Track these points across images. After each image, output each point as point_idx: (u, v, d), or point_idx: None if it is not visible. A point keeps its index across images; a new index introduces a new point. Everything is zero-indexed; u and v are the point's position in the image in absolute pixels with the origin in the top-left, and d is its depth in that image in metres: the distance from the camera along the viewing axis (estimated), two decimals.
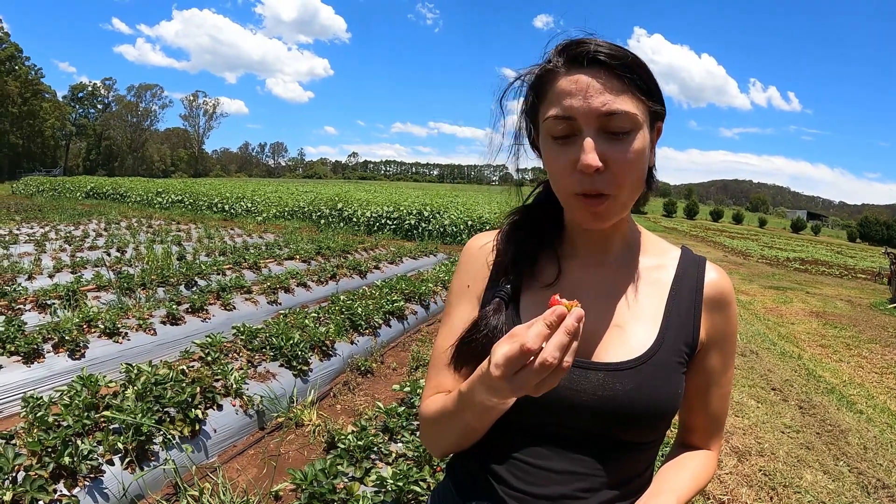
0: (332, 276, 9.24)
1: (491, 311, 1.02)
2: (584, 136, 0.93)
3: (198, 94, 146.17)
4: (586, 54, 0.94)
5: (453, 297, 1.17)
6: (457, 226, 20.77)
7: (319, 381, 4.98)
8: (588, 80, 0.94)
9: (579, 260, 1.11)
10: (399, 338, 6.89)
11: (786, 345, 9.19)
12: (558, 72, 0.97)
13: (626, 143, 0.94)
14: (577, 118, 0.93)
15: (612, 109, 0.92)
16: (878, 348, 9.76)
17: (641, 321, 1.06)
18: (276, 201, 24.79)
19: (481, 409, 0.93)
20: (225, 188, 30.38)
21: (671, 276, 1.11)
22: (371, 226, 20.87)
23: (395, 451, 3.28)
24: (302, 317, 5.90)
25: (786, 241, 52.15)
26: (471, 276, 1.15)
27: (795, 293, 16.08)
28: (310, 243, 13.24)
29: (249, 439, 4.00)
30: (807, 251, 39.95)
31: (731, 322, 1.12)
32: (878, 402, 6.65)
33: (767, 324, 10.95)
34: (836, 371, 7.94)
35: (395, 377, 5.52)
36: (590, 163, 0.91)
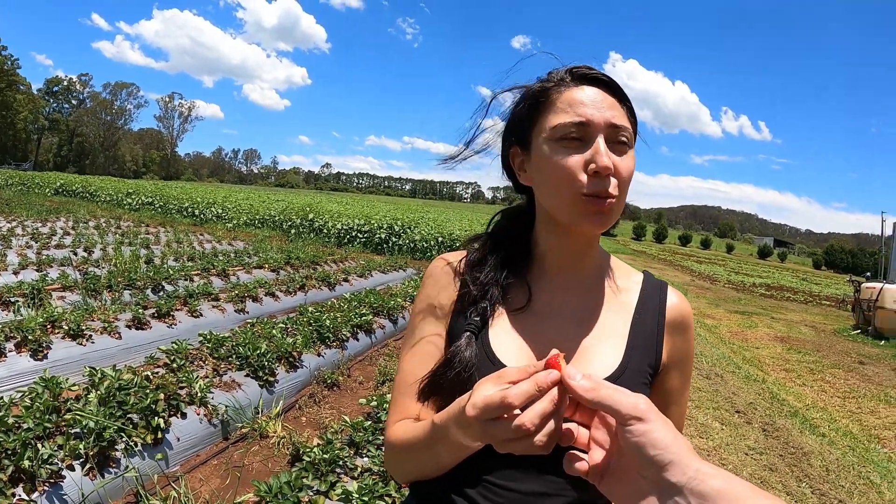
0: (301, 286, 9.15)
1: (463, 345, 1.03)
2: (597, 140, 0.98)
3: (174, 96, 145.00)
4: (593, 75, 1.04)
5: (417, 318, 1.17)
6: (427, 241, 20.76)
7: (285, 393, 4.92)
8: (598, 95, 1.02)
9: (548, 283, 1.13)
10: (366, 351, 6.84)
11: (750, 368, 9.34)
12: (566, 84, 1.05)
13: (626, 154, 1.01)
14: (590, 125, 0.99)
15: (619, 123, 1.00)
16: (840, 373, 9.98)
17: (608, 343, 1.08)
18: (248, 209, 24.57)
19: (455, 446, 0.91)
20: (196, 193, 30.00)
21: (635, 299, 1.14)
22: (341, 238, 20.75)
23: (360, 465, 3.25)
24: (270, 327, 5.82)
25: (752, 267, 53.03)
26: (435, 296, 1.16)
27: (761, 318, 16.37)
28: (279, 253, 13.11)
29: (213, 449, 3.92)
30: (773, 277, 40.66)
31: (690, 344, 1.16)
32: (840, 426, 6.79)
33: (732, 347, 11.13)
34: (799, 395, 8.11)
35: (362, 391, 5.48)
36: (607, 164, 0.96)
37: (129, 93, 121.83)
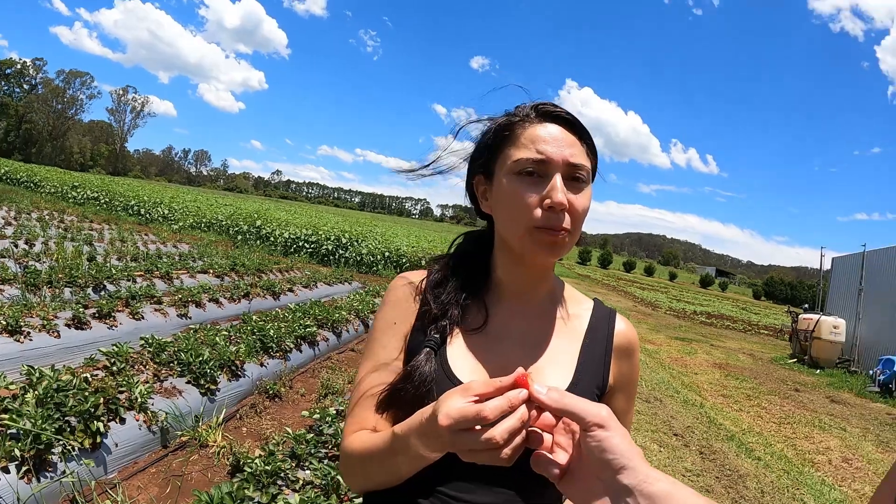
0: (246, 294, 9.03)
1: (422, 360, 1.06)
2: (554, 177, 1.04)
3: (128, 89, 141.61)
4: (556, 113, 1.09)
5: (378, 333, 1.19)
6: (374, 255, 20.72)
7: (227, 402, 4.86)
8: (559, 133, 1.08)
9: (504, 306, 1.18)
10: (309, 364, 6.80)
11: (689, 393, 9.58)
12: (530, 121, 1.09)
13: (582, 191, 1.07)
14: (549, 162, 1.04)
15: (577, 161, 1.05)
16: (776, 400, 10.31)
17: (558, 365, 1.13)
18: (195, 211, 24.08)
19: (415, 456, 0.94)
20: (143, 191, 29.13)
21: (585, 325, 1.20)
22: (288, 247, 20.52)
23: (302, 478, 3.24)
24: (213, 334, 5.74)
25: (694, 296, 54.29)
26: (397, 313, 1.18)
27: (700, 345, 16.79)
28: (225, 258, 12.88)
29: (152, 456, 3.84)
30: (713, 306, 41.67)
31: (636, 368, 1.24)
32: (775, 450, 7.01)
33: (672, 373, 11.38)
34: (736, 420, 8.34)
35: (304, 403, 5.45)
36: (562, 200, 1.01)
37: (82, 82, 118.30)
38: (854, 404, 10.84)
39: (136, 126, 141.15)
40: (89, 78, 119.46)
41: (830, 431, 8.41)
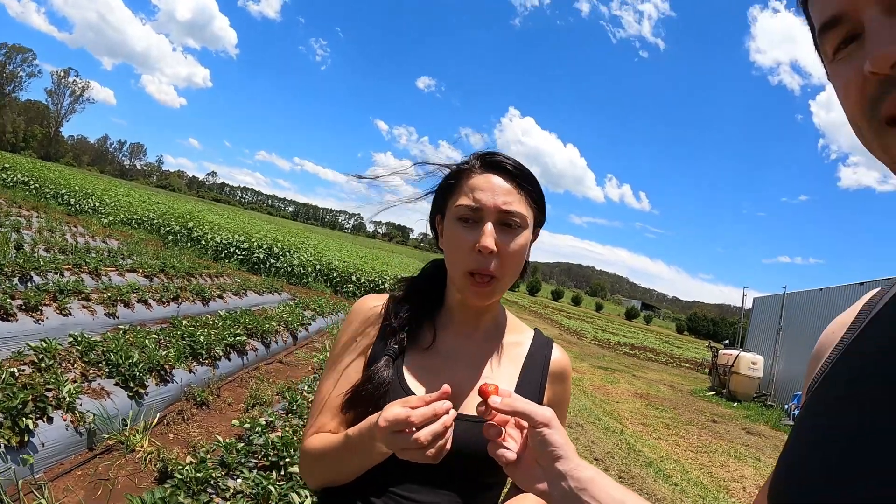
0: (175, 297, 8.86)
1: (381, 367, 1.21)
2: (485, 223, 1.16)
3: (69, 72, 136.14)
4: (498, 163, 1.21)
5: (340, 349, 1.32)
6: (305, 267, 20.57)
7: (155, 407, 4.80)
8: (497, 182, 1.19)
9: (454, 330, 1.32)
10: (237, 372, 6.75)
11: (610, 420, 9.85)
12: (473, 170, 1.22)
13: (515, 236, 1.18)
14: (483, 209, 1.16)
15: (510, 209, 1.17)
16: (694, 429, 10.67)
17: (500, 385, 1.25)
18: (126, 206, 23.31)
19: (364, 453, 1.11)
20: (75, 180, 27.85)
21: (526, 351, 1.35)
22: (219, 252, 20.10)
23: (233, 486, 3.25)
24: (142, 336, 5.66)
25: (619, 327, 55.46)
26: (360, 332, 1.32)
27: (623, 375, 17.22)
28: (155, 259, 12.54)
29: (78, 458, 3.77)
30: (637, 338, 42.57)
31: (567, 392, 1.39)
32: (691, 476, 7.28)
33: (594, 400, 11.67)
34: (654, 447, 8.62)
35: (231, 412, 5.42)
36: (488, 244, 1.13)
37: (24, 59, 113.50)
38: (769, 436, 11.38)
39: (73, 111, 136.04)
40: (31, 55, 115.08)
41: (745, 461, 8.81)
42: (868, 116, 0.57)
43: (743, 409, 14.63)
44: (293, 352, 8.85)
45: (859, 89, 0.57)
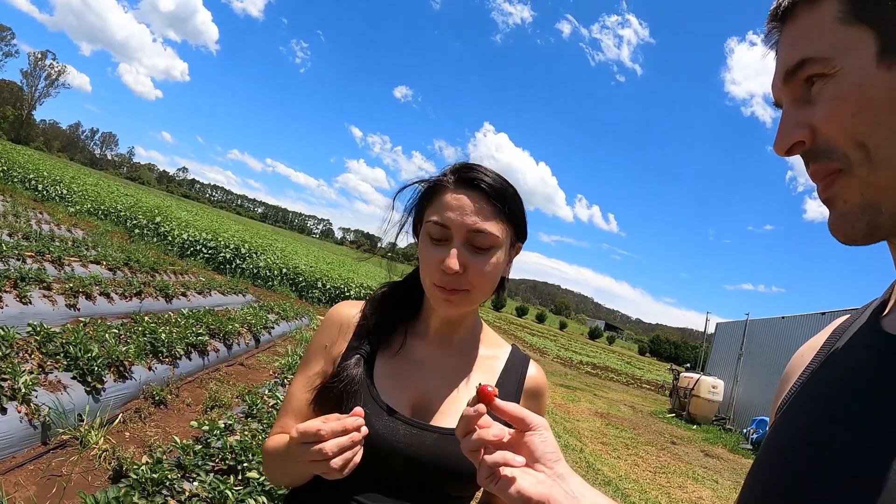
0: (138, 292, 8.68)
1: (351, 364, 1.21)
2: (452, 244, 1.14)
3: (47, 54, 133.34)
4: (472, 180, 1.17)
5: (312, 353, 1.31)
6: (271, 270, 20.36)
7: (112, 403, 4.68)
8: (467, 201, 1.15)
9: (429, 339, 1.30)
10: (198, 373, 6.63)
11: (570, 438, 9.87)
12: (448, 187, 1.18)
13: (485, 256, 1.15)
14: (451, 228, 1.14)
15: (478, 228, 1.14)
16: (653, 450, 10.76)
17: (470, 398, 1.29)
18: (94, 196, 22.72)
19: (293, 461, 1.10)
20: (44, 166, 27.09)
21: (502, 366, 1.33)
22: (185, 249, 19.74)
23: (188, 489, 3.18)
24: (102, 330, 5.52)
25: (581, 346, 55.80)
26: (331, 338, 1.30)
27: (584, 394, 17.29)
28: (119, 251, 12.30)
29: (30, 453, 3.66)
30: (599, 358, 42.86)
31: (542, 409, 1.36)
32: (650, 497, 7.33)
33: (555, 418, 11.68)
34: (613, 466, 8.66)
35: (189, 413, 5.32)
36: (452, 266, 1.11)
37: (1, 37, 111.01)
38: (727, 459, 11.54)
39: (47, 95, 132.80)
40: (10, 34, 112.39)
41: (703, 483, 8.93)
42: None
43: (702, 432, 14.81)
44: (255, 355, 8.74)
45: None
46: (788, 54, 0.67)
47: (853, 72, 0.61)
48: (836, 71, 0.62)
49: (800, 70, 0.65)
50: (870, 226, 0.63)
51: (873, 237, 0.65)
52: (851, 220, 0.64)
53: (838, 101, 0.62)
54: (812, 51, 0.63)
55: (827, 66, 0.62)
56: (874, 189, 0.62)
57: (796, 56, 0.65)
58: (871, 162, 0.61)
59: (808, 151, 0.66)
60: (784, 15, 0.68)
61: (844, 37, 0.62)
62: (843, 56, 0.62)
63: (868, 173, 0.61)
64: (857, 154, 0.62)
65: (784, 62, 0.67)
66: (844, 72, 0.61)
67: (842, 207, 0.65)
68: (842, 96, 0.62)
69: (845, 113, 0.62)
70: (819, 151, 0.65)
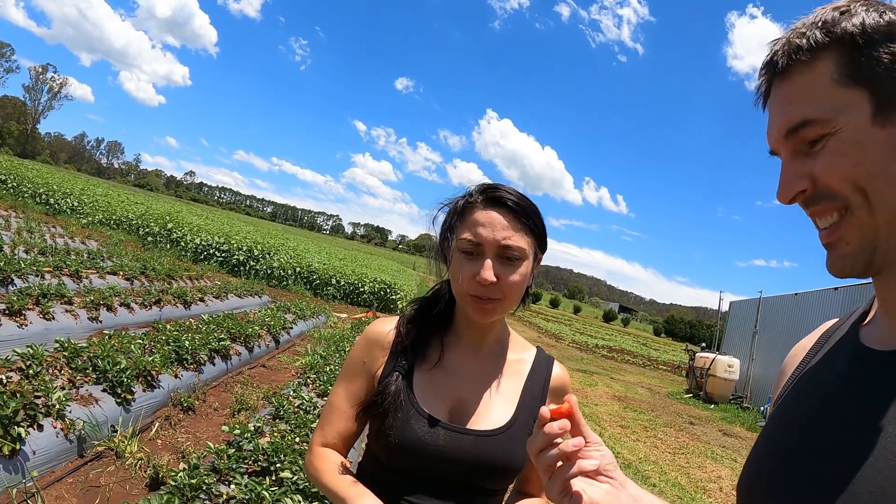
0: (157, 301, 8.77)
1: (392, 380, 1.31)
2: (486, 257, 1.24)
3: (48, 67, 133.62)
4: (499, 199, 1.28)
5: (351, 368, 1.41)
6: (285, 270, 20.45)
7: (142, 413, 4.75)
8: (497, 217, 1.26)
9: (461, 348, 1.40)
10: (222, 377, 6.70)
11: (589, 423, 9.74)
12: (476, 206, 1.29)
13: (515, 267, 1.26)
14: (483, 244, 1.25)
15: (509, 244, 1.24)
16: (672, 431, 10.72)
17: (503, 400, 1.36)
18: (105, 206, 22.75)
19: None
20: (53, 179, 26.94)
21: (528, 368, 1.43)
22: (198, 254, 19.87)
23: (225, 493, 3.22)
24: (128, 341, 5.57)
25: (596, 329, 55.55)
26: (370, 355, 1.40)
27: (601, 377, 17.23)
28: (135, 261, 12.40)
29: (68, 466, 3.72)
30: (615, 340, 42.59)
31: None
32: (669, 478, 7.33)
33: None
34: (633, 449, 8.66)
35: (217, 417, 5.38)
36: (488, 278, 1.22)
37: (1, 54, 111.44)
38: (745, 438, 11.50)
39: (50, 108, 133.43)
40: (9, 50, 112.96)
41: (722, 462, 8.91)
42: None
43: (719, 411, 14.76)
44: (276, 356, 8.80)
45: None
46: (789, 113, 0.72)
47: (852, 130, 0.68)
48: (836, 130, 0.68)
49: (801, 129, 0.71)
50: (865, 264, 0.71)
51: (866, 273, 0.72)
52: (850, 260, 0.71)
53: (840, 157, 0.69)
54: (813, 112, 0.70)
55: (828, 126, 0.69)
56: (872, 229, 0.69)
57: (797, 116, 0.71)
58: (870, 204, 0.68)
59: (810, 197, 0.73)
60: (781, 71, 0.74)
61: (842, 98, 0.68)
62: (841, 116, 0.68)
63: (868, 214, 0.68)
64: (857, 198, 0.68)
65: (785, 120, 0.73)
66: (844, 130, 0.68)
67: (844, 249, 0.72)
68: (843, 152, 0.68)
69: (846, 165, 0.68)
70: (820, 196, 0.72)
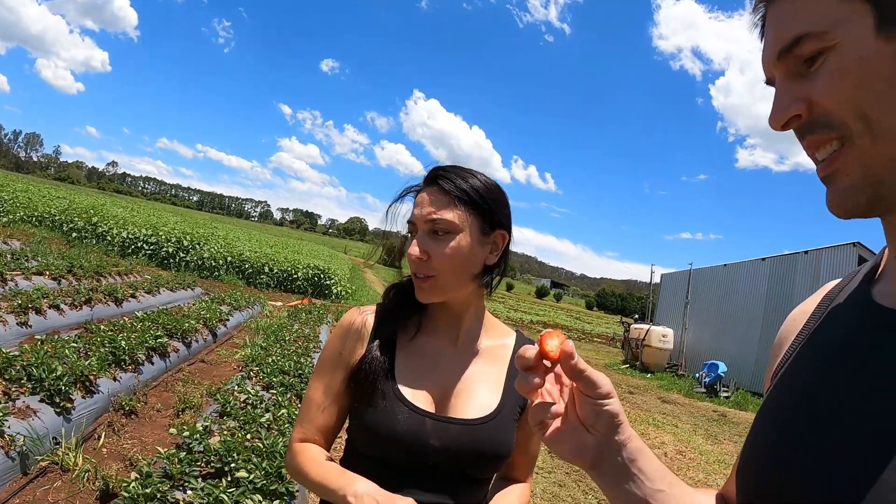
0: (88, 300, 8.35)
1: (375, 347, 1.31)
2: (416, 235, 1.28)
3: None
4: (431, 178, 1.32)
5: (328, 360, 1.37)
6: (216, 260, 19.96)
7: (84, 421, 4.53)
8: (426, 196, 1.29)
9: (440, 337, 1.38)
10: (161, 376, 6.47)
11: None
12: (420, 187, 1.34)
13: (445, 241, 1.25)
14: (415, 221, 1.29)
15: (434, 217, 1.26)
16: None
17: (487, 387, 1.34)
18: (26, 203, 21.30)
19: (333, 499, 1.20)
20: None
21: (510, 353, 1.40)
22: (126, 248, 19.08)
23: (181, 498, 3.12)
24: (61, 345, 5.30)
25: (530, 305, 56.20)
26: (346, 345, 1.37)
27: None
28: (61, 258, 11.76)
29: (13, 486, 3.50)
30: (549, 316, 43.24)
31: None
32: None
33: None
34: None
35: (161, 419, 5.21)
36: (412, 252, 1.25)
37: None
38: (683, 404, 11.96)
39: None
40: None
41: (664, 428, 9.24)
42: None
43: (656, 380, 15.27)
44: (214, 349, 8.59)
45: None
46: (782, 31, 0.65)
47: (853, 44, 0.60)
48: (835, 44, 0.60)
49: (796, 46, 0.63)
50: (870, 200, 0.63)
51: (873, 211, 0.64)
52: (853, 194, 0.63)
53: (840, 74, 0.61)
54: (808, 26, 0.62)
55: (825, 39, 0.61)
56: (876, 161, 0.61)
57: (791, 32, 0.63)
58: (872, 133, 0.60)
59: (805, 124, 0.65)
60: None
61: (840, 10, 0.60)
62: (840, 29, 0.60)
63: (870, 145, 0.60)
64: (859, 125, 0.60)
65: (778, 39, 0.65)
66: (844, 45, 0.60)
67: (844, 182, 0.63)
68: (843, 69, 0.60)
69: (847, 85, 0.60)
70: (817, 123, 0.63)
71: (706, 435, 9.24)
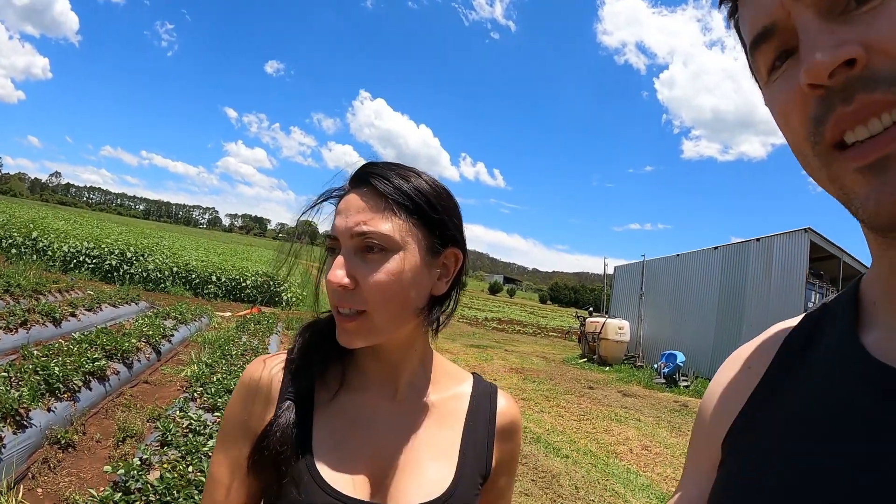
0: (23, 322, 7.91)
1: (284, 410, 0.94)
2: (338, 252, 0.89)
3: None
4: (360, 177, 0.94)
5: (230, 429, 1.00)
6: (162, 271, 19.44)
7: (16, 459, 4.26)
8: (355, 200, 0.91)
9: (371, 390, 1.01)
10: (101, 402, 6.16)
11: None
12: (345, 191, 0.95)
13: (379, 263, 0.88)
14: (337, 235, 0.90)
15: (362, 230, 0.87)
16: (573, 398, 10.88)
17: (438, 457, 0.98)
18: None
19: None
20: None
21: (465, 407, 1.05)
22: (68, 262, 18.43)
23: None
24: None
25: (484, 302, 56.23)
26: (250, 409, 0.98)
27: (495, 351, 17.36)
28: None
29: None
30: (503, 312, 43.23)
31: (518, 445, 1.10)
32: (580, 446, 7.41)
33: None
34: (539, 421, 8.65)
35: (101, 450, 4.97)
36: (333, 279, 0.86)
37: None
38: (644, 396, 11.98)
39: None
40: None
41: (627, 423, 9.20)
42: (812, 142, 0.49)
43: (615, 373, 15.35)
44: (158, 368, 8.28)
45: (800, 110, 0.48)
46: None
47: None
48: None
49: None
50: None
51: None
52: None
53: None
54: None
55: None
56: None
57: None
58: None
59: (859, 77, 0.44)
60: None
61: None
62: None
63: None
64: None
65: None
66: None
67: None
68: None
69: None
70: (878, 77, 0.43)
71: (669, 427, 9.20)
